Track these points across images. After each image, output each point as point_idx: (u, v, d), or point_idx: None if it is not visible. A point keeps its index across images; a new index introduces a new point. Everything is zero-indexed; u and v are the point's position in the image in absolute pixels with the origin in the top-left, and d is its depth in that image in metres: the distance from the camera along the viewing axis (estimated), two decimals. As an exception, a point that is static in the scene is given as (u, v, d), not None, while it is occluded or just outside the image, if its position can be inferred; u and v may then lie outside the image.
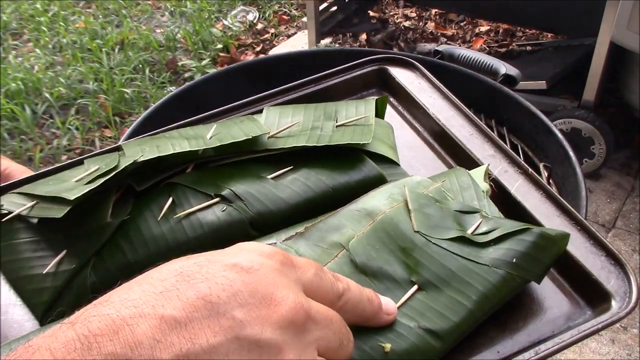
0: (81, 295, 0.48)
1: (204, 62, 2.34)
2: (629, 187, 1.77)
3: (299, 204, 0.53)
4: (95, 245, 0.50)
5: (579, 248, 0.52)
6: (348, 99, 0.70)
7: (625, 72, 1.73)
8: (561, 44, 2.11)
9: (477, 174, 0.57)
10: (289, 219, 0.51)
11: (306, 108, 0.63)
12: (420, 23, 2.54)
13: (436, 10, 2.56)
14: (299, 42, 2.47)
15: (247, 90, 1.20)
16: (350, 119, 0.60)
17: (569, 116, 1.71)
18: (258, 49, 2.51)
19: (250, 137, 0.56)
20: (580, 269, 0.51)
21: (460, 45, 2.35)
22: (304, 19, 2.51)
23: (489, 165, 0.58)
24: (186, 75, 2.29)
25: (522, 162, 0.59)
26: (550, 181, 0.99)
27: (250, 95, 1.22)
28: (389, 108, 0.68)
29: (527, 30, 2.37)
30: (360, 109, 0.62)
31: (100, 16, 2.66)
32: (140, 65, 2.30)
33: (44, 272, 0.49)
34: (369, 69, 0.71)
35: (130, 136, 1.02)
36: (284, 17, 2.72)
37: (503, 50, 2.30)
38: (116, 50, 2.38)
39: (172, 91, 1.13)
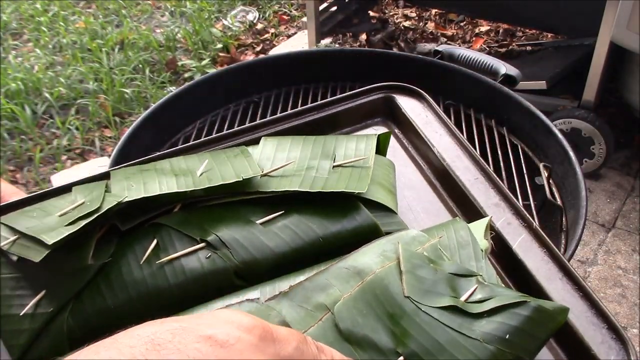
0: (58, 340, 0.47)
1: (203, 62, 2.34)
2: (629, 187, 1.77)
3: (286, 253, 0.51)
4: (74, 287, 0.49)
5: (579, 317, 0.49)
6: (352, 127, 0.68)
7: (625, 72, 1.73)
8: (561, 44, 2.11)
9: (478, 228, 0.54)
10: (276, 268, 0.50)
11: (305, 141, 0.61)
12: (420, 23, 2.54)
13: (436, 10, 2.56)
14: (299, 42, 2.47)
15: (247, 90, 1.20)
16: (349, 160, 0.58)
17: (569, 116, 1.71)
18: (258, 49, 2.51)
19: (242, 179, 0.54)
20: (580, 341, 0.48)
21: (460, 45, 2.35)
22: (304, 19, 2.51)
23: (491, 217, 0.55)
24: (186, 75, 2.29)
25: (526, 215, 0.56)
26: (550, 181, 0.99)
27: (250, 96, 1.22)
28: (393, 140, 0.65)
29: (527, 30, 2.37)
30: (361, 147, 0.59)
31: (100, 16, 2.66)
32: (140, 65, 2.30)
33: (22, 313, 0.48)
34: (375, 96, 0.68)
35: (130, 136, 1.02)
36: (284, 17, 2.72)
37: (503, 50, 2.30)
38: (116, 50, 2.38)
39: (172, 91, 1.13)
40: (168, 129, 1.11)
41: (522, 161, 1.02)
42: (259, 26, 2.65)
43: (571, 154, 0.95)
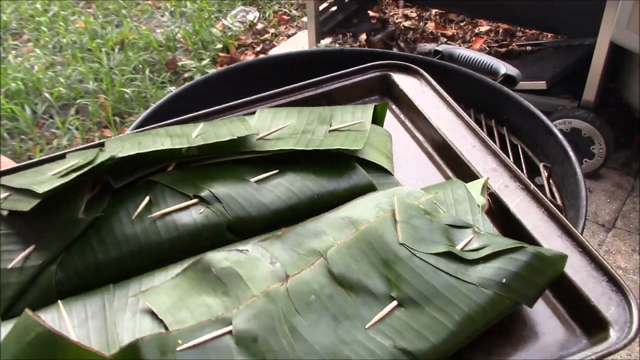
0: (46, 293, 0.47)
1: (203, 62, 2.34)
2: (629, 187, 1.77)
3: (281, 210, 0.51)
4: (64, 241, 0.49)
5: (578, 271, 0.49)
6: (349, 104, 0.68)
7: (625, 72, 1.73)
8: (561, 44, 2.11)
9: (475, 187, 0.54)
10: (270, 225, 0.50)
11: (301, 111, 0.61)
12: (420, 23, 2.54)
13: (436, 10, 2.56)
14: (299, 42, 2.47)
15: (247, 90, 1.20)
16: (345, 124, 0.58)
17: (569, 116, 1.71)
18: (258, 49, 2.51)
19: (236, 137, 0.55)
20: (579, 293, 0.48)
21: (460, 45, 2.35)
22: (304, 19, 2.51)
23: (488, 178, 0.56)
24: (186, 75, 2.29)
25: (525, 178, 0.57)
26: (550, 181, 0.99)
27: (249, 96, 1.22)
28: (390, 116, 0.65)
29: (527, 30, 2.37)
30: (357, 115, 0.60)
31: (100, 16, 2.66)
32: (140, 65, 2.30)
33: (10, 266, 0.48)
34: (372, 74, 0.69)
35: (130, 136, 1.02)
36: (284, 17, 2.72)
37: (503, 50, 2.30)
38: (116, 50, 2.38)
39: (172, 91, 1.13)
40: (168, 129, 1.11)
41: (522, 161, 1.02)
42: (259, 26, 2.65)
43: (571, 154, 0.95)
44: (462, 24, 2.52)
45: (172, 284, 0.45)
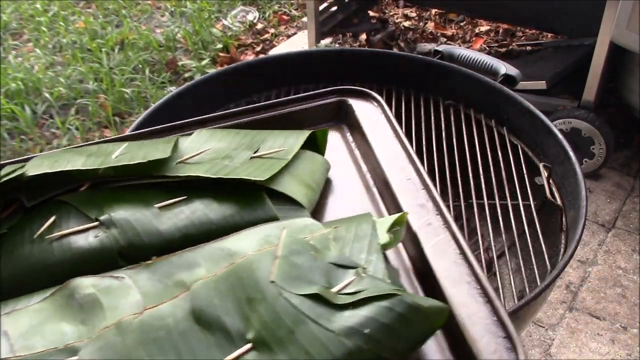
0: None
1: (204, 62, 2.34)
2: (629, 187, 1.77)
3: (174, 238, 0.49)
4: None
5: (477, 323, 0.45)
6: (306, 129, 0.65)
7: (625, 72, 1.73)
8: (561, 44, 2.11)
9: (384, 223, 0.50)
10: (162, 252, 0.48)
11: (237, 134, 0.60)
12: (420, 23, 2.54)
13: (436, 10, 2.56)
14: (299, 42, 2.47)
15: (247, 90, 1.20)
16: (270, 151, 0.56)
17: (569, 116, 1.71)
18: (258, 49, 2.51)
19: (146, 161, 0.53)
20: (470, 348, 0.44)
21: (460, 45, 2.35)
22: (304, 19, 2.51)
23: (406, 214, 0.52)
24: (186, 75, 2.29)
25: (450, 217, 0.53)
26: (550, 181, 0.99)
27: (250, 96, 1.22)
28: (342, 143, 0.63)
29: (527, 30, 2.37)
30: (289, 140, 0.58)
31: (100, 16, 2.66)
32: (140, 65, 2.30)
33: None
34: (331, 99, 0.66)
35: (130, 136, 1.02)
36: (284, 17, 2.72)
37: (503, 50, 2.30)
38: (116, 50, 2.38)
39: (172, 91, 1.13)
40: (168, 129, 1.11)
41: (522, 161, 1.02)
42: (259, 26, 2.65)
43: (571, 154, 0.95)
44: (462, 24, 2.52)
45: (37, 307, 0.44)
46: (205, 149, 0.57)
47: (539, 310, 0.91)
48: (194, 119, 0.65)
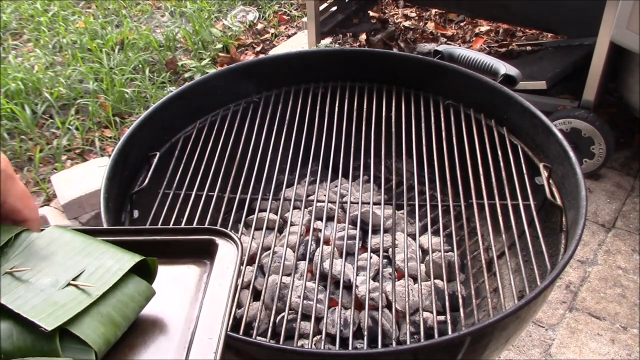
0: None
1: (203, 62, 2.34)
2: (629, 187, 1.77)
3: None
4: None
5: None
6: (178, 259, 0.68)
7: (625, 72, 1.73)
8: (561, 44, 2.11)
9: None
10: None
11: (81, 242, 0.62)
12: (420, 23, 2.54)
13: (436, 10, 2.56)
14: (299, 42, 2.47)
15: (247, 90, 1.20)
16: (85, 284, 0.58)
17: (569, 116, 1.71)
18: (258, 49, 2.51)
19: None
20: None
21: (460, 45, 2.35)
22: (304, 19, 2.51)
23: None
24: (186, 75, 2.29)
25: None
26: (550, 181, 0.99)
27: (250, 96, 1.22)
28: (196, 282, 0.65)
29: (527, 30, 2.37)
30: (116, 266, 0.60)
31: (100, 16, 2.66)
32: (140, 65, 2.30)
33: None
34: (202, 237, 0.68)
35: (130, 136, 1.02)
36: (284, 17, 2.72)
37: (503, 50, 2.30)
38: (116, 50, 2.38)
39: (172, 91, 1.13)
40: (168, 129, 1.11)
41: (522, 161, 1.02)
42: (259, 26, 2.65)
43: (571, 154, 0.95)
44: (462, 24, 2.52)
45: None
46: (29, 269, 0.59)
47: (539, 310, 0.91)
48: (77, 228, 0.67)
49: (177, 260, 0.67)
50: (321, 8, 2.14)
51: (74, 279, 0.58)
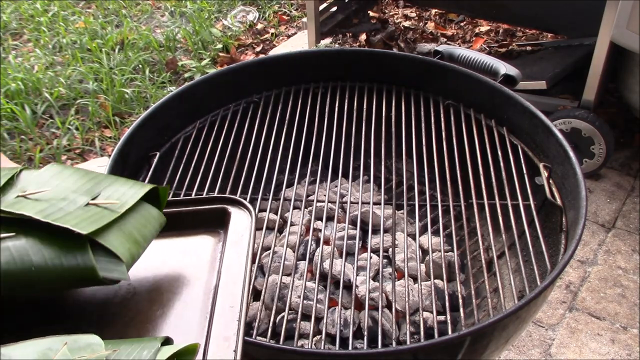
0: None
1: (204, 62, 2.34)
2: (629, 187, 1.77)
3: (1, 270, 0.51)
4: None
5: None
6: (184, 232, 0.68)
7: (625, 72, 1.73)
8: (561, 44, 2.11)
9: (168, 351, 0.50)
10: None
11: (85, 174, 0.61)
12: (420, 23, 2.54)
13: (436, 10, 2.56)
14: (299, 42, 2.47)
15: (247, 90, 1.20)
16: (106, 201, 0.58)
17: (569, 116, 1.71)
18: (258, 49, 2.51)
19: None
20: None
21: (460, 45, 2.35)
22: (304, 19, 2.51)
23: (198, 345, 0.52)
24: (186, 75, 2.29)
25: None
26: (550, 181, 0.99)
27: (250, 96, 1.22)
28: (211, 250, 0.65)
29: (527, 30, 2.37)
30: (131, 192, 0.60)
31: (100, 16, 2.66)
32: (140, 65, 2.30)
33: None
34: (215, 206, 0.69)
35: (130, 136, 1.02)
36: (284, 17, 2.72)
37: (503, 50, 2.30)
38: (116, 50, 2.38)
39: (172, 91, 1.13)
40: (168, 129, 1.11)
41: (522, 161, 1.02)
42: (259, 26, 2.65)
43: (571, 154, 0.95)
44: (462, 24, 2.52)
45: None
46: (46, 189, 0.58)
47: (539, 310, 0.91)
48: None
49: (190, 231, 0.67)
50: (321, 8, 2.14)
51: (91, 201, 0.57)
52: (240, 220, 0.67)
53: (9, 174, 0.59)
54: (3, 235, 0.53)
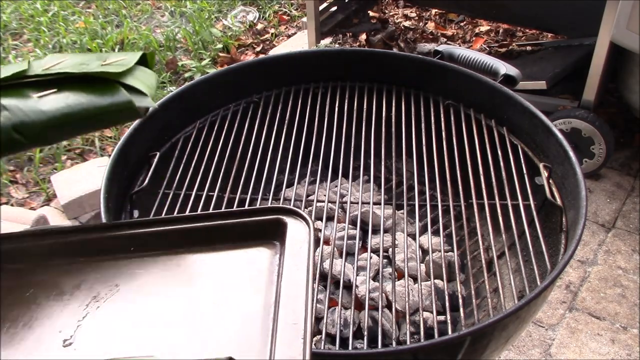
0: None
1: (204, 62, 2.34)
2: (629, 187, 1.77)
3: (56, 116, 0.64)
4: None
5: None
6: (238, 245, 0.66)
7: (625, 72, 1.73)
8: (561, 44, 2.11)
9: None
10: (49, 127, 0.62)
11: (85, 54, 0.73)
12: (420, 23, 2.54)
13: (436, 10, 2.56)
14: (299, 42, 2.47)
15: (247, 90, 1.20)
16: (116, 59, 0.70)
17: (569, 116, 1.71)
18: (258, 49, 2.51)
19: (18, 71, 0.67)
20: None
21: (460, 45, 2.35)
22: (304, 19, 2.51)
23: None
24: (186, 75, 2.29)
25: None
26: (550, 181, 0.99)
27: (250, 96, 1.22)
28: (268, 263, 0.63)
29: (527, 30, 2.37)
30: (128, 56, 0.72)
31: (100, 16, 2.66)
32: (140, 65, 2.30)
33: None
34: (268, 217, 0.66)
35: (130, 136, 1.02)
36: (284, 17, 2.72)
37: (503, 50, 2.30)
38: (116, 50, 2.38)
39: (172, 91, 1.13)
40: (168, 129, 1.11)
41: (522, 161, 1.02)
42: (259, 26, 2.65)
43: (571, 154, 0.95)
44: (462, 24, 2.52)
45: None
46: (62, 60, 0.70)
47: (539, 310, 0.91)
48: (126, 221, 0.74)
49: (244, 243, 0.66)
50: (321, 8, 2.14)
51: (104, 63, 0.69)
52: (298, 231, 0.65)
53: (23, 64, 0.69)
54: (48, 91, 0.65)
